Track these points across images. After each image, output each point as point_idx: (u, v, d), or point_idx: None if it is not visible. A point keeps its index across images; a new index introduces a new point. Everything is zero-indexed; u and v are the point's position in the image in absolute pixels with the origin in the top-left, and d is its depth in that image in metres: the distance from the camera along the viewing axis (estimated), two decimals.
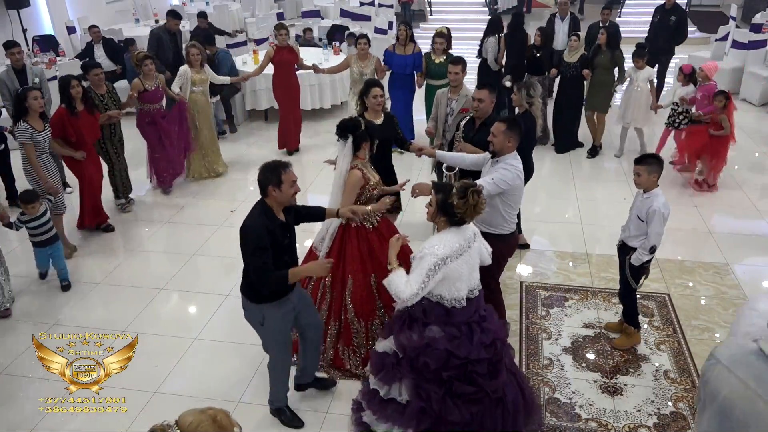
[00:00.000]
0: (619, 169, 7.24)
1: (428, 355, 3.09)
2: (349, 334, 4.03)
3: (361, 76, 6.93)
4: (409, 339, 3.14)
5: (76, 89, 5.37)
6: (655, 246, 3.93)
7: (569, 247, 5.60)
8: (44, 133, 5.22)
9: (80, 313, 4.83)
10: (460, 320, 3.13)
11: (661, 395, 3.89)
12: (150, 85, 6.26)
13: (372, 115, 4.86)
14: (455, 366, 3.10)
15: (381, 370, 3.24)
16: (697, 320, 4.57)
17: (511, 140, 3.79)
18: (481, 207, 3.08)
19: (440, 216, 3.14)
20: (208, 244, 5.83)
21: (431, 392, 3.10)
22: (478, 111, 4.50)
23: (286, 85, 7.53)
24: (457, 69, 5.29)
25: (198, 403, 3.89)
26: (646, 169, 3.84)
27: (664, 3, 8.71)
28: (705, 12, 15.54)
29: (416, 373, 3.13)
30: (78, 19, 11.32)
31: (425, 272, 3.00)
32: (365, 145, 3.92)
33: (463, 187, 3.06)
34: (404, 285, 3.03)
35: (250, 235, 3.19)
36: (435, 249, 3.02)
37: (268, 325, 3.44)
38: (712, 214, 6.15)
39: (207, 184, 7.07)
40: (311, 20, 12.33)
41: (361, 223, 3.98)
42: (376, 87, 4.85)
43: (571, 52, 7.20)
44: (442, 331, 3.11)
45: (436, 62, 7.16)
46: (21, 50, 7.11)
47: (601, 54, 7.15)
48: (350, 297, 3.99)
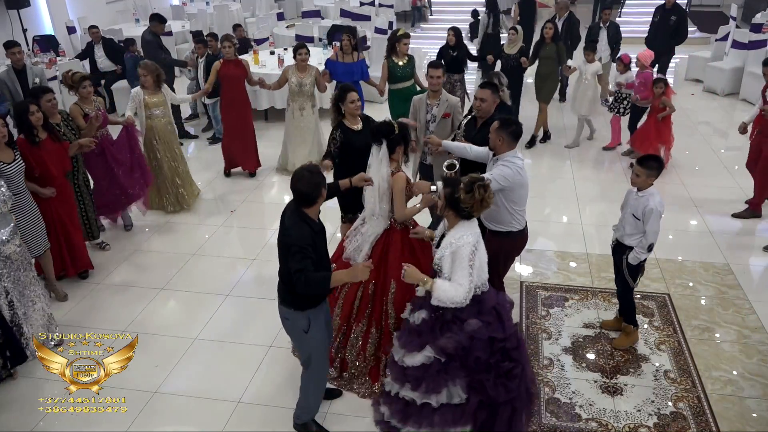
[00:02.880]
0: (620, 169, 7.24)
1: (477, 349, 3.10)
2: (389, 342, 3.85)
3: (300, 87, 6.74)
4: (451, 341, 3.10)
5: (36, 116, 4.57)
6: (653, 244, 3.93)
7: (569, 247, 5.60)
8: (14, 166, 4.33)
9: (80, 313, 4.83)
10: (489, 305, 3.16)
11: (661, 395, 3.88)
12: (90, 109, 5.40)
13: (350, 121, 4.70)
14: (498, 349, 3.14)
15: (422, 382, 3.17)
16: (697, 320, 4.57)
17: (501, 139, 3.79)
18: (489, 201, 3.08)
19: (448, 210, 3.14)
20: (208, 244, 5.84)
21: (484, 381, 3.12)
22: (480, 110, 4.49)
23: (233, 102, 6.87)
24: (438, 73, 5.10)
25: (198, 403, 3.93)
26: (646, 171, 3.85)
27: (665, 3, 8.72)
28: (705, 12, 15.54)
29: (467, 370, 3.14)
30: (78, 19, 11.34)
31: (466, 265, 3.01)
32: (399, 148, 3.85)
33: (470, 182, 3.06)
34: (454, 289, 3.02)
35: (295, 238, 3.09)
36: (465, 239, 3.04)
37: (313, 333, 3.31)
38: (712, 214, 6.15)
39: None
40: (311, 20, 12.33)
41: (405, 224, 3.91)
42: (351, 92, 4.63)
43: (510, 44, 7.60)
44: (479, 321, 3.12)
45: (399, 65, 6.98)
46: (21, 50, 7.13)
47: (546, 47, 7.63)
48: (392, 303, 3.84)
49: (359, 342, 3.94)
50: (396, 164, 3.86)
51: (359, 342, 3.94)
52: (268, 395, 3.95)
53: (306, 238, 3.10)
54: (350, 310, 3.95)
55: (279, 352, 4.32)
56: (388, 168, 3.81)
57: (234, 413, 3.83)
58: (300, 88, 6.73)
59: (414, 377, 3.20)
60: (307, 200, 3.14)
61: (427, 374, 3.16)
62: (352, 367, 3.98)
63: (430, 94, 5.16)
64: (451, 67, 7.56)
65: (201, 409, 3.85)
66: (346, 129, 4.68)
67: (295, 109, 6.87)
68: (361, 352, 3.95)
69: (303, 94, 6.78)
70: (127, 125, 5.73)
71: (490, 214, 3.69)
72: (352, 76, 6.96)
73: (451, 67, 7.56)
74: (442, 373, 3.15)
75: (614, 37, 8.94)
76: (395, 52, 7.00)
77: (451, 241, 3.08)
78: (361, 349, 3.94)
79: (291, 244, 3.08)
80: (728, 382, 3.98)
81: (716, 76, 9.89)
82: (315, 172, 3.16)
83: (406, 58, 7.04)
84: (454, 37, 7.63)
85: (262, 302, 4.79)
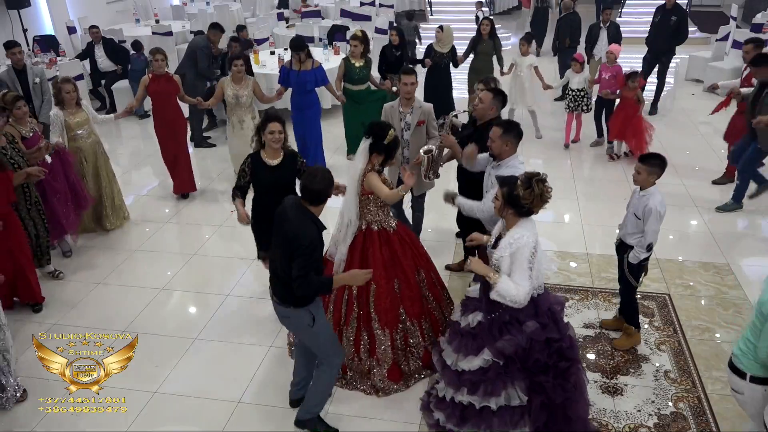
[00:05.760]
0: (620, 168, 7.24)
1: (537, 351, 3.11)
2: (374, 344, 3.91)
3: (237, 99, 6.37)
4: (511, 343, 3.11)
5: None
6: (652, 244, 3.93)
7: (569, 247, 5.59)
8: None
9: (80, 313, 4.83)
10: (545, 306, 3.17)
11: (661, 395, 3.88)
12: (26, 131, 5.05)
13: (269, 154, 4.15)
14: (555, 350, 3.16)
15: (479, 386, 3.19)
16: (697, 320, 4.57)
17: (508, 144, 3.82)
18: (547, 195, 3.07)
19: (508, 209, 3.11)
20: (208, 244, 5.83)
21: (545, 383, 3.13)
22: (476, 110, 4.47)
23: (165, 120, 6.36)
24: (412, 79, 4.88)
25: (198, 403, 3.92)
26: (647, 169, 3.84)
27: (665, 3, 8.70)
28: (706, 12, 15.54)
29: (527, 372, 3.15)
30: (78, 19, 11.34)
31: (526, 266, 3.00)
32: (375, 156, 3.79)
33: (527, 178, 3.05)
34: (515, 289, 3.01)
35: (303, 238, 3.05)
36: (525, 240, 3.02)
37: (318, 325, 3.31)
38: (712, 214, 6.15)
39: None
40: (312, 20, 12.33)
41: (382, 226, 3.91)
42: (273, 122, 4.08)
43: (439, 43, 7.75)
44: (536, 323, 3.12)
45: (356, 66, 6.94)
46: (21, 50, 7.14)
47: (483, 42, 7.94)
48: (374, 305, 3.86)
49: (353, 347, 3.96)
50: (373, 166, 3.81)
51: (353, 347, 3.96)
52: (268, 395, 3.95)
53: (314, 240, 3.09)
54: (340, 315, 3.98)
55: (279, 352, 4.32)
56: (363, 165, 3.78)
57: (234, 413, 3.83)
58: (237, 101, 6.38)
59: (470, 381, 3.21)
60: (319, 198, 3.15)
61: (485, 378, 3.17)
62: (350, 368, 3.99)
63: (402, 102, 4.95)
64: (395, 68, 7.46)
65: (201, 409, 3.85)
66: (258, 161, 4.17)
67: (235, 123, 6.53)
68: (355, 355, 3.97)
69: (241, 106, 6.43)
70: (58, 150, 5.25)
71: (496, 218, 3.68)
72: (305, 85, 6.62)
73: (395, 67, 7.47)
74: (502, 376, 3.15)
75: (614, 37, 8.94)
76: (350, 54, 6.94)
77: (510, 241, 3.05)
78: (355, 351, 3.96)
79: (299, 245, 3.05)
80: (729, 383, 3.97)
81: (717, 76, 9.83)
82: (328, 171, 3.20)
83: (362, 60, 6.95)
84: (398, 36, 7.68)
85: (262, 302, 4.79)
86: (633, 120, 7.18)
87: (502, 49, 8.10)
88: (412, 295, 3.94)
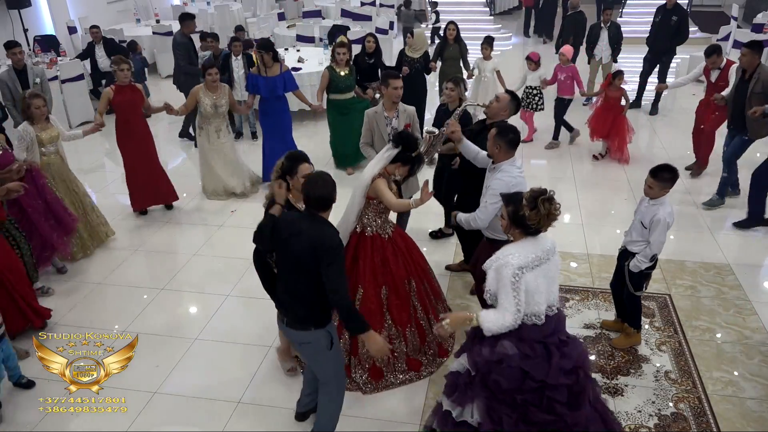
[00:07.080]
0: (620, 168, 7.24)
1: (500, 373, 2.87)
2: (356, 346, 3.93)
3: (216, 109, 6.21)
4: (479, 354, 2.94)
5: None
6: (656, 255, 3.91)
7: (569, 248, 5.59)
8: None
9: (80, 313, 4.83)
10: (534, 338, 2.90)
11: (662, 396, 3.88)
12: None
13: (297, 196, 3.41)
14: (531, 389, 2.87)
15: (454, 391, 3.05)
16: (698, 321, 4.56)
17: (498, 147, 3.76)
18: (555, 213, 2.87)
19: (514, 228, 2.97)
20: (208, 244, 5.83)
21: (503, 414, 2.88)
22: (490, 109, 4.48)
23: (130, 133, 5.98)
24: (399, 84, 4.90)
25: (198, 403, 3.92)
26: (659, 184, 3.80)
27: (666, 3, 8.70)
28: (706, 12, 15.54)
29: (488, 392, 2.93)
30: (79, 19, 11.36)
31: (510, 288, 2.82)
32: (399, 166, 3.75)
33: (532, 197, 2.86)
34: (498, 316, 2.85)
35: (333, 238, 2.93)
36: (510, 258, 2.86)
37: (335, 348, 3.20)
38: (712, 214, 6.14)
39: None
40: (312, 20, 12.34)
41: (376, 231, 3.91)
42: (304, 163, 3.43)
43: (411, 48, 7.55)
44: (515, 347, 2.88)
45: (341, 75, 6.75)
46: (22, 50, 7.14)
47: (450, 47, 7.76)
48: (359, 309, 3.79)
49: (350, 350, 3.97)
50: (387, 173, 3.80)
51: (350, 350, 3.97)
52: (268, 395, 3.95)
53: (339, 240, 2.99)
54: None
55: None
56: (378, 170, 3.75)
57: (234, 413, 3.82)
58: (216, 110, 6.21)
59: (448, 383, 3.14)
60: (326, 203, 3.03)
61: (457, 384, 3.06)
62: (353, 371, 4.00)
63: (387, 106, 4.95)
64: (368, 76, 7.24)
65: (201, 409, 3.84)
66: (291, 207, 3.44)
67: (211, 132, 6.35)
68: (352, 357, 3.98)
69: (219, 115, 6.29)
70: (30, 168, 4.90)
71: (494, 225, 3.65)
72: (275, 90, 6.44)
73: (368, 75, 7.24)
74: (469, 386, 3.00)
75: (615, 38, 8.95)
76: (335, 61, 6.77)
77: (499, 255, 2.92)
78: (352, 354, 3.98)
79: (327, 248, 2.90)
80: (729, 383, 3.97)
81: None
82: (325, 173, 3.07)
83: (347, 69, 6.81)
84: (374, 43, 7.31)
85: (262, 302, 4.76)
86: (617, 120, 7.22)
87: (468, 54, 7.90)
88: (399, 303, 3.93)
